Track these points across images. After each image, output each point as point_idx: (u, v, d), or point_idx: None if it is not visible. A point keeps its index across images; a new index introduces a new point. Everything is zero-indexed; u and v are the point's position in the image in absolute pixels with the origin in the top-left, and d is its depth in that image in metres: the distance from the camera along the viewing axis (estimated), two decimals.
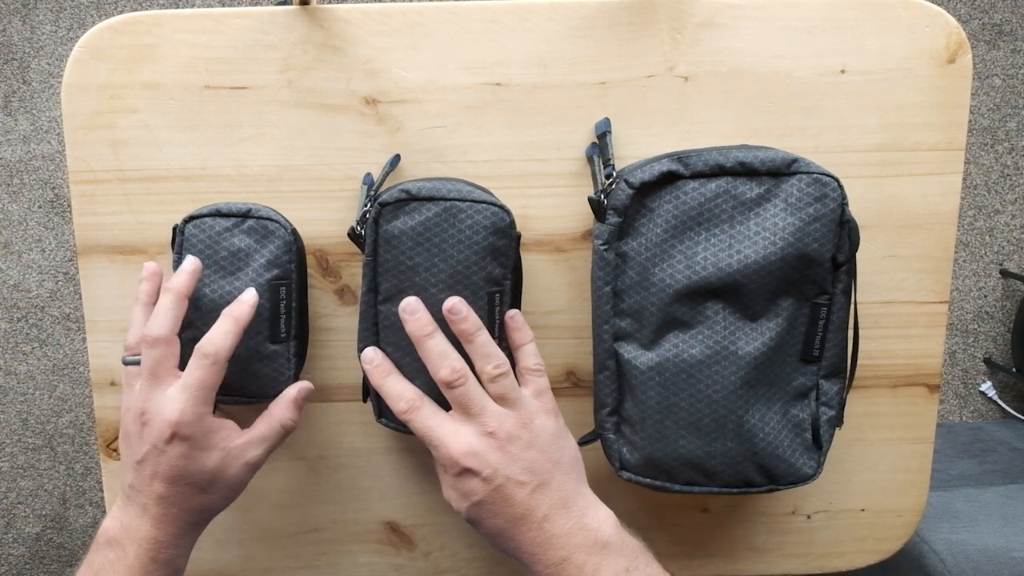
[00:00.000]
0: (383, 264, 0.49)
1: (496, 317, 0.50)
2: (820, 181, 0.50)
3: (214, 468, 0.49)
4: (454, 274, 0.48)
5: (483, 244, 0.48)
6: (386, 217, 0.49)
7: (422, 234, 0.48)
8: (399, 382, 0.50)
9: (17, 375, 1.67)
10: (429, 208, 0.48)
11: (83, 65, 0.59)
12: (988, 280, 1.67)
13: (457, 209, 0.48)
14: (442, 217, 0.48)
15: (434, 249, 0.48)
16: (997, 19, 1.62)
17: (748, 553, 0.66)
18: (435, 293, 0.48)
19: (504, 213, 0.49)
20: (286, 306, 0.56)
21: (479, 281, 0.49)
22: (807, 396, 0.54)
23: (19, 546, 1.71)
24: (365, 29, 0.58)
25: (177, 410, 0.47)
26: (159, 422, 0.47)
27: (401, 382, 0.50)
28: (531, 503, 0.47)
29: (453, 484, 0.48)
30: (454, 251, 0.48)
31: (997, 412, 1.70)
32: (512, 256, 0.50)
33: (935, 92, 0.59)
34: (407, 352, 0.50)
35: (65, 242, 1.64)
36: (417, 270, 0.48)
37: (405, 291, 0.49)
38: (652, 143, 0.60)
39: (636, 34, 0.58)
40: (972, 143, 1.63)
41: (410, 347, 0.49)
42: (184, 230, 0.56)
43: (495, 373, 0.48)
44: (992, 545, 0.95)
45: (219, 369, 0.49)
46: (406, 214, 0.48)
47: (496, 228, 0.48)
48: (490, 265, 0.49)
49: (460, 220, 0.48)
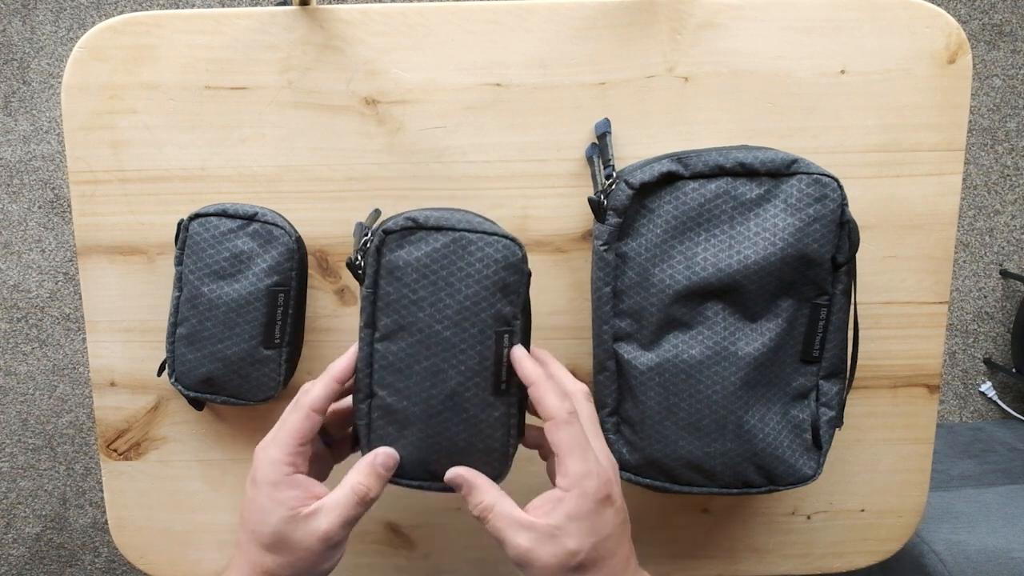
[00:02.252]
0: (383, 297, 0.45)
1: (504, 359, 0.45)
2: (820, 182, 0.50)
3: (277, 526, 0.43)
4: (461, 310, 0.44)
5: (493, 279, 0.44)
6: (390, 246, 0.45)
7: (428, 266, 0.44)
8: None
9: (17, 375, 1.67)
10: (436, 238, 0.44)
11: (83, 65, 0.59)
12: (988, 280, 1.67)
13: (467, 241, 0.44)
14: (450, 248, 0.44)
15: (441, 282, 0.44)
16: (997, 19, 1.62)
17: (748, 553, 0.66)
18: (440, 330, 0.44)
19: (516, 247, 0.45)
20: (283, 313, 0.56)
21: (487, 319, 0.45)
22: (807, 397, 0.54)
23: (19, 546, 1.71)
24: (365, 29, 0.58)
25: (261, 448, 0.45)
26: (254, 458, 0.45)
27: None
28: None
29: (593, 514, 0.42)
30: (462, 285, 0.44)
31: (997, 412, 1.70)
32: (523, 294, 0.46)
33: (935, 92, 0.59)
34: (406, 397, 0.45)
35: (65, 242, 1.64)
36: (422, 304, 0.44)
37: (407, 328, 0.44)
38: (652, 143, 0.60)
39: (636, 34, 0.58)
40: (972, 143, 1.63)
41: (411, 392, 0.45)
42: (189, 227, 0.56)
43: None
44: (992, 545, 0.95)
45: (305, 418, 0.44)
46: (412, 244, 0.44)
47: (508, 263, 0.45)
48: (500, 302, 0.45)
49: (470, 252, 0.44)
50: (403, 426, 0.45)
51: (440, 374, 0.45)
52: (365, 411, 0.46)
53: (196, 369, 0.57)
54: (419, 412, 0.45)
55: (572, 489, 0.42)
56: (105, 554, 1.68)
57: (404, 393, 0.45)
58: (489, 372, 0.45)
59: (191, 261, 0.56)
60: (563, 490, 0.42)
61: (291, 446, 0.44)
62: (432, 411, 0.45)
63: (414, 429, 0.45)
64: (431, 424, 0.45)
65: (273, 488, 0.43)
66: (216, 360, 0.56)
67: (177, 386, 0.58)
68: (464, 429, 0.45)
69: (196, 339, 0.56)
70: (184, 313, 0.57)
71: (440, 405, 0.45)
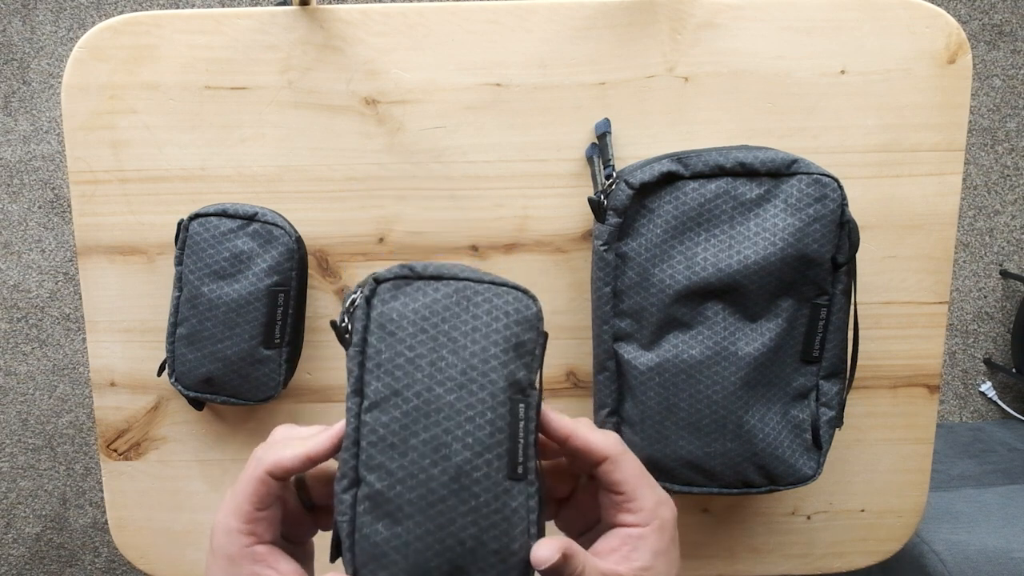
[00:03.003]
0: (373, 357, 0.37)
1: (520, 435, 0.37)
2: (820, 182, 0.50)
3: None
4: (467, 369, 0.37)
5: (504, 333, 0.37)
6: (381, 296, 0.37)
7: (427, 319, 0.37)
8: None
9: (17, 375, 1.67)
10: (436, 288, 0.37)
11: (83, 65, 0.59)
12: (988, 280, 1.67)
13: (472, 291, 0.38)
14: (452, 300, 0.37)
15: (442, 337, 0.37)
16: (997, 19, 1.62)
17: (748, 554, 0.66)
18: (442, 394, 0.36)
19: (529, 300, 0.38)
20: (283, 313, 0.56)
21: (499, 380, 0.37)
22: (807, 397, 0.54)
23: (19, 546, 1.71)
24: (365, 30, 0.58)
25: (219, 512, 0.38)
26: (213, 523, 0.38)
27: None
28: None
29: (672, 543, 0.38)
30: (467, 341, 0.37)
31: (997, 412, 1.70)
32: (539, 357, 0.39)
33: (935, 92, 0.59)
34: (400, 480, 0.36)
35: (65, 242, 1.64)
36: (419, 364, 0.37)
37: (401, 392, 0.36)
38: (652, 143, 0.60)
39: (636, 34, 0.58)
40: (972, 143, 1.63)
41: (406, 473, 0.36)
42: (189, 227, 0.56)
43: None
44: (992, 546, 0.95)
45: (259, 482, 0.37)
46: (407, 294, 0.37)
47: (521, 316, 0.38)
48: (513, 363, 0.37)
49: (475, 304, 0.38)
50: (395, 521, 0.36)
51: (443, 448, 0.36)
52: (349, 503, 0.37)
53: (196, 369, 0.57)
54: (416, 500, 0.36)
55: (651, 523, 0.38)
56: (105, 554, 1.68)
57: (398, 476, 0.36)
58: (504, 448, 0.36)
59: (191, 261, 0.56)
60: (640, 526, 0.38)
61: (247, 513, 0.37)
62: (433, 497, 0.36)
63: (410, 524, 0.36)
64: (431, 515, 0.36)
65: (229, 563, 0.36)
66: (216, 360, 0.56)
67: (177, 386, 0.59)
68: (473, 522, 0.36)
69: (196, 339, 0.56)
70: (184, 313, 0.57)
71: (443, 489, 0.36)
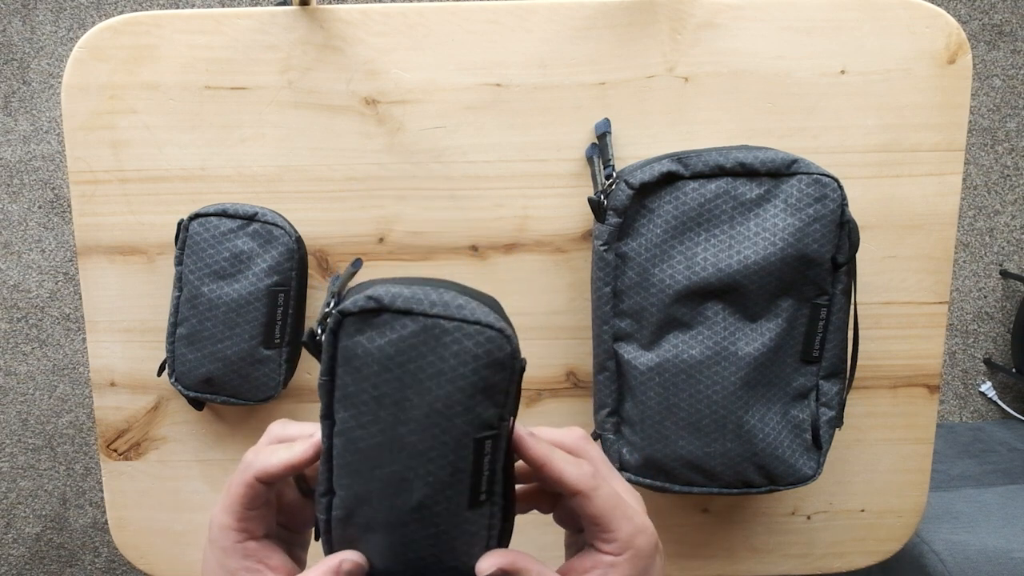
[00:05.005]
0: (341, 388, 0.37)
1: (484, 469, 0.37)
2: (820, 182, 0.51)
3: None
4: (431, 413, 0.36)
5: (471, 379, 0.36)
6: (347, 330, 0.36)
7: (392, 357, 0.36)
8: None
9: (17, 375, 1.67)
10: (404, 324, 0.36)
11: (83, 65, 0.59)
12: (988, 280, 1.67)
13: (440, 330, 0.36)
14: (419, 339, 0.36)
15: (407, 378, 0.36)
16: (997, 19, 1.62)
17: (748, 554, 0.66)
18: (405, 434, 0.36)
19: (503, 340, 0.36)
20: (283, 313, 0.56)
21: (463, 425, 0.37)
22: (807, 397, 0.54)
23: (19, 546, 1.71)
24: (365, 30, 0.58)
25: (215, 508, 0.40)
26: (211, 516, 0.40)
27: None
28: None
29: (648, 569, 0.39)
30: (432, 384, 0.36)
31: (997, 412, 1.70)
32: (512, 394, 0.38)
33: (935, 92, 0.59)
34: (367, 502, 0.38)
35: (65, 242, 1.64)
36: (383, 402, 0.36)
37: (367, 427, 0.37)
38: (652, 143, 0.60)
39: (636, 34, 0.58)
40: (972, 143, 1.63)
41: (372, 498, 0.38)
42: (189, 227, 0.56)
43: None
44: (992, 546, 0.95)
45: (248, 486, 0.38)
46: (374, 328, 0.36)
47: (492, 359, 0.36)
48: (480, 405, 0.37)
49: (443, 345, 0.36)
50: (365, 529, 0.38)
51: (404, 483, 0.37)
52: (325, 506, 0.39)
53: (196, 369, 0.57)
54: (382, 521, 0.38)
55: (624, 552, 0.38)
56: (105, 554, 1.68)
57: (363, 497, 0.38)
58: (464, 485, 0.37)
59: (191, 261, 0.56)
60: (614, 555, 0.38)
61: (238, 512, 0.38)
62: (396, 521, 0.38)
63: (376, 537, 0.38)
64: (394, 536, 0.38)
65: (223, 554, 0.39)
66: (216, 360, 0.56)
67: (177, 386, 0.59)
68: (432, 544, 0.38)
69: (196, 339, 0.56)
70: (184, 313, 0.57)
71: (406, 516, 0.38)
